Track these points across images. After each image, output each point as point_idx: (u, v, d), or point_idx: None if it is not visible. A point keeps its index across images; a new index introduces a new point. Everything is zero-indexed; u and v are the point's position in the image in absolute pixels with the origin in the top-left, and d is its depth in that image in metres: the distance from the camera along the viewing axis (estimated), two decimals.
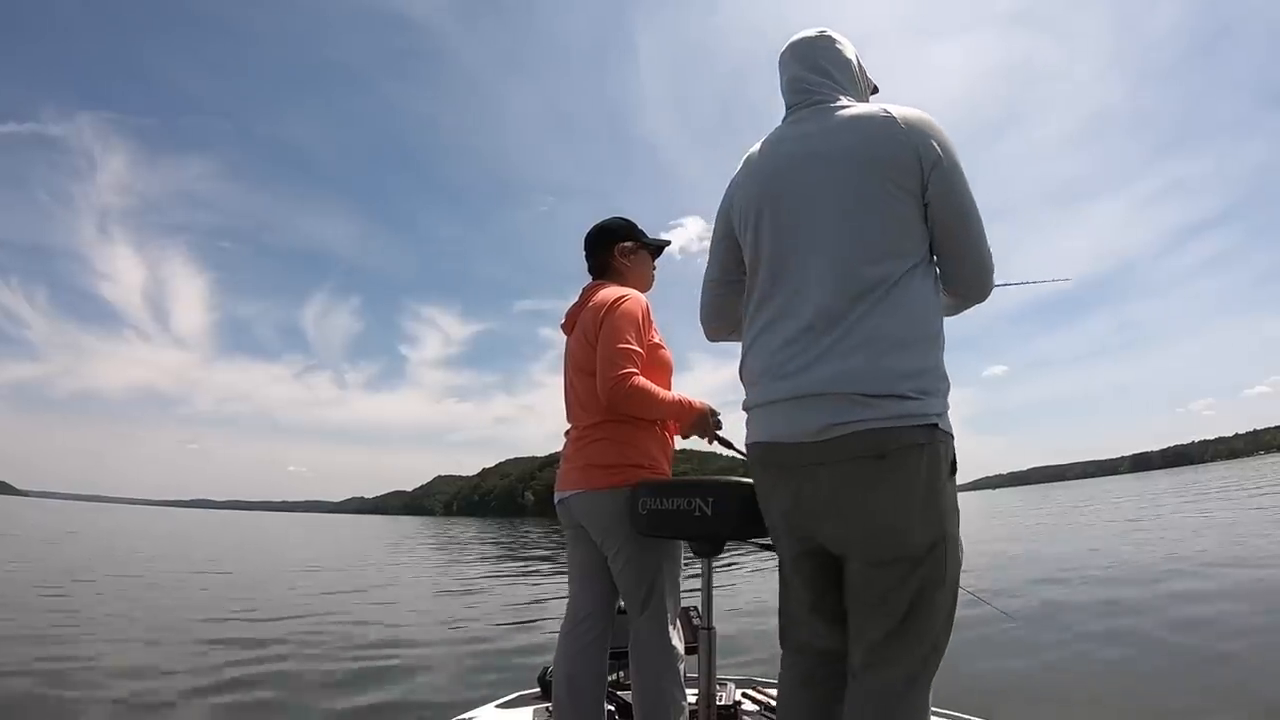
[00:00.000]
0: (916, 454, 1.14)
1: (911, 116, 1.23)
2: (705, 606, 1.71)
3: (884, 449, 1.13)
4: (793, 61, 1.40)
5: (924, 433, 1.14)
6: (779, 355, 1.25)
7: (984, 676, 3.92)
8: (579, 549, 1.90)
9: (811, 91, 1.36)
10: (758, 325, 1.32)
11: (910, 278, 1.20)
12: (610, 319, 1.78)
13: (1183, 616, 5.29)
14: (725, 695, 2.07)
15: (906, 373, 1.15)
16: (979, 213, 1.26)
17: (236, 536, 29.45)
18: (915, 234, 1.23)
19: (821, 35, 1.42)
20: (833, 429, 1.15)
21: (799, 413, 1.19)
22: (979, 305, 1.38)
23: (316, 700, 4.10)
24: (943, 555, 1.17)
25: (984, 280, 1.33)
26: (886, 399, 1.13)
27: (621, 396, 1.72)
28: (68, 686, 4.18)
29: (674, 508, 1.60)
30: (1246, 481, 32.78)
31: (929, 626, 1.17)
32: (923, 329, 1.19)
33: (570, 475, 1.85)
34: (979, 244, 1.28)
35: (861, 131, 1.24)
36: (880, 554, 1.17)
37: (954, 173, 1.22)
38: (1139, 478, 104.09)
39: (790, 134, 1.35)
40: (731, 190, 1.44)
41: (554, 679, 1.83)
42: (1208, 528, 12.51)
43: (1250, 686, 3.57)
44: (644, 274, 2.04)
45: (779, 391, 1.23)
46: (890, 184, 1.20)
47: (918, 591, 1.16)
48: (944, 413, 1.18)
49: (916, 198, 1.21)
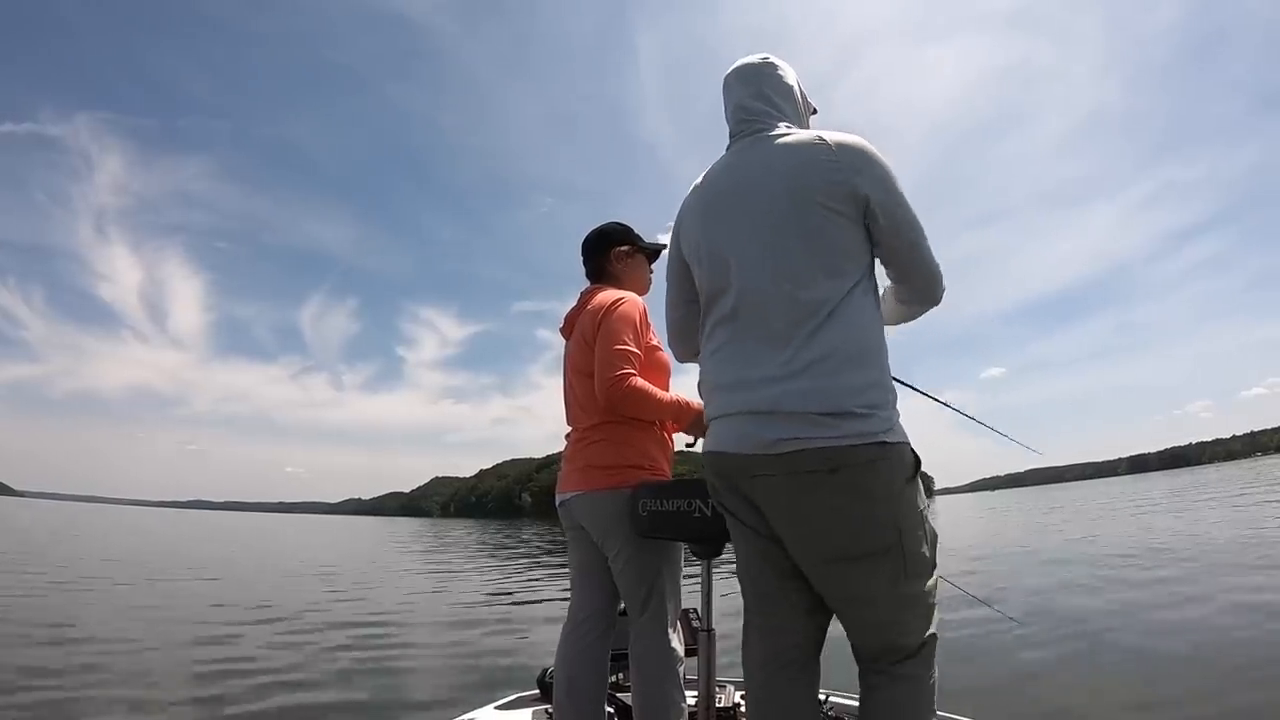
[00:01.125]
0: (869, 468, 1.17)
1: (845, 141, 1.28)
2: (705, 608, 1.71)
3: (836, 465, 1.16)
4: (736, 87, 1.46)
5: (874, 449, 1.17)
6: (729, 376, 1.31)
7: (984, 678, 3.93)
8: (580, 550, 1.91)
9: (752, 120, 1.41)
10: (709, 349, 1.39)
11: (851, 297, 1.24)
12: (608, 321, 1.79)
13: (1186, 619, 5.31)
14: (725, 697, 2.06)
15: (853, 389, 1.18)
16: (920, 225, 1.31)
17: (234, 537, 29.40)
18: (854, 255, 1.27)
19: (764, 61, 1.47)
20: (784, 444, 1.19)
21: (751, 427, 1.24)
22: (934, 310, 1.45)
23: (314, 701, 4.09)
24: (900, 556, 1.21)
25: (934, 289, 1.40)
26: (836, 417, 1.17)
27: (619, 397, 1.72)
28: (65, 684, 4.18)
29: (674, 509, 1.60)
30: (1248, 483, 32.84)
31: (907, 617, 1.23)
32: (866, 346, 1.23)
33: (571, 476, 1.86)
34: (925, 257, 1.34)
35: (795, 159, 1.29)
36: (830, 555, 1.23)
37: (890, 194, 1.27)
38: (1137, 479, 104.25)
39: (731, 163, 1.41)
40: (680, 216, 1.51)
41: (555, 681, 1.83)
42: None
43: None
44: (640, 277, 2.05)
45: (732, 406, 1.29)
46: (823, 209, 1.24)
47: (874, 589, 1.22)
48: (893, 425, 1.21)
49: (854, 220, 1.26)
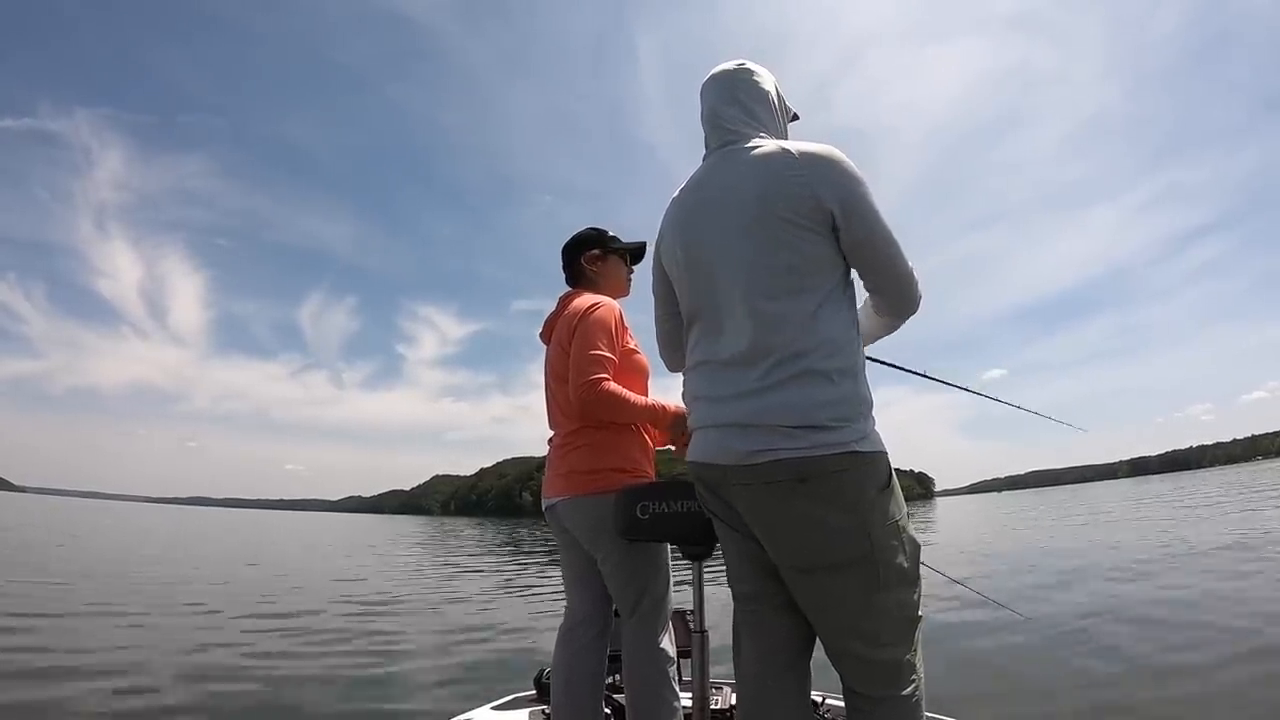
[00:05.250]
0: (836, 478, 1.18)
1: (811, 151, 1.27)
2: (698, 609, 1.71)
3: (805, 475, 1.18)
4: (711, 94, 1.45)
5: (844, 459, 1.18)
6: (707, 389, 1.33)
7: (980, 681, 3.93)
8: (570, 553, 1.92)
9: (726, 130, 1.40)
10: (691, 361, 1.42)
11: (822, 310, 1.24)
12: (582, 326, 1.79)
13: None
14: (721, 699, 2.07)
15: (824, 402, 1.19)
16: (891, 234, 1.29)
17: (234, 535, 29.38)
18: (825, 267, 1.26)
19: (740, 68, 1.45)
20: (756, 455, 1.21)
21: (728, 439, 1.26)
22: (913, 317, 1.43)
23: (310, 701, 4.10)
24: (872, 565, 1.21)
25: (909, 297, 1.38)
26: (806, 430, 1.18)
27: (591, 401, 1.73)
28: (62, 686, 4.19)
29: (663, 510, 1.61)
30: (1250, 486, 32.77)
31: (880, 629, 1.23)
32: (838, 358, 1.22)
33: (555, 482, 1.86)
34: (898, 265, 1.32)
35: (762, 172, 1.29)
36: (806, 563, 1.24)
37: (861, 205, 1.26)
38: (1137, 482, 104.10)
39: (703, 178, 1.41)
40: (661, 229, 1.51)
41: (552, 682, 1.84)
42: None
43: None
44: (616, 280, 2.05)
45: (712, 418, 1.31)
46: (790, 223, 1.24)
47: (849, 597, 1.22)
48: (865, 435, 1.21)
49: (821, 232, 1.25)
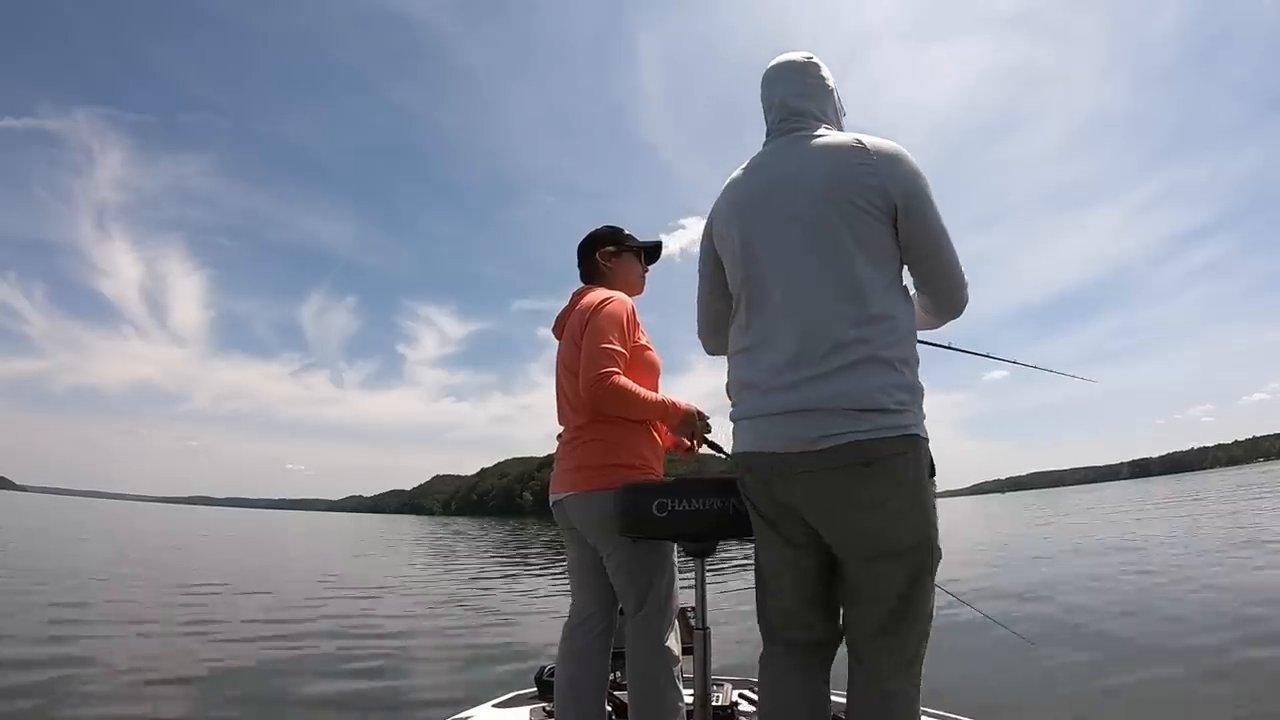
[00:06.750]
0: (901, 460, 1.22)
1: (883, 146, 1.29)
2: (700, 607, 1.70)
3: (870, 457, 1.20)
4: (781, 83, 1.45)
5: (905, 442, 1.22)
6: (763, 375, 1.31)
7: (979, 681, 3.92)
8: (576, 550, 1.91)
9: (791, 119, 1.41)
10: (741, 345, 1.39)
11: (887, 295, 1.27)
12: (594, 320, 1.79)
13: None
14: (722, 696, 2.06)
15: (886, 386, 1.22)
16: (949, 237, 1.32)
17: (234, 534, 29.41)
18: (886, 256, 1.29)
19: (810, 61, 1.47)
20: (822, 440, 1.21)
21: (788, 426, 1.26)
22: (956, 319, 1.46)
23: (310, 698, 4.10)
24: (929, 550, 1.26)
25: (959, 300, 1.41)
26: (871, 412, 1.20)
27: (601, 395, 1.72)
28: (60, 683, 4.19)
29: (670, 508, 1.60)
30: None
31: (920, 615, 1.27)
32: (900, 347, 1.26)
33: (563, 477, 1.86)
34: (952, 268, 1.35)
35: (832, 160, 1.30)
36: (873, 551, 1.25)
37: (924, 202, 1.28)
38: (1138, 484, 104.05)
39: (766, 162, 1.41)
40: (713, 213, 1.50)
41: (556, 680, 1.83)
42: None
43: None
44: (630, 277, 2.05)
45: (767, 406, 1.30)
46: (859, 212, 1.26)
47: (908, 585, 1.25)
48: (921, 420, 1.25)
49: (885, 225, 1.27)
